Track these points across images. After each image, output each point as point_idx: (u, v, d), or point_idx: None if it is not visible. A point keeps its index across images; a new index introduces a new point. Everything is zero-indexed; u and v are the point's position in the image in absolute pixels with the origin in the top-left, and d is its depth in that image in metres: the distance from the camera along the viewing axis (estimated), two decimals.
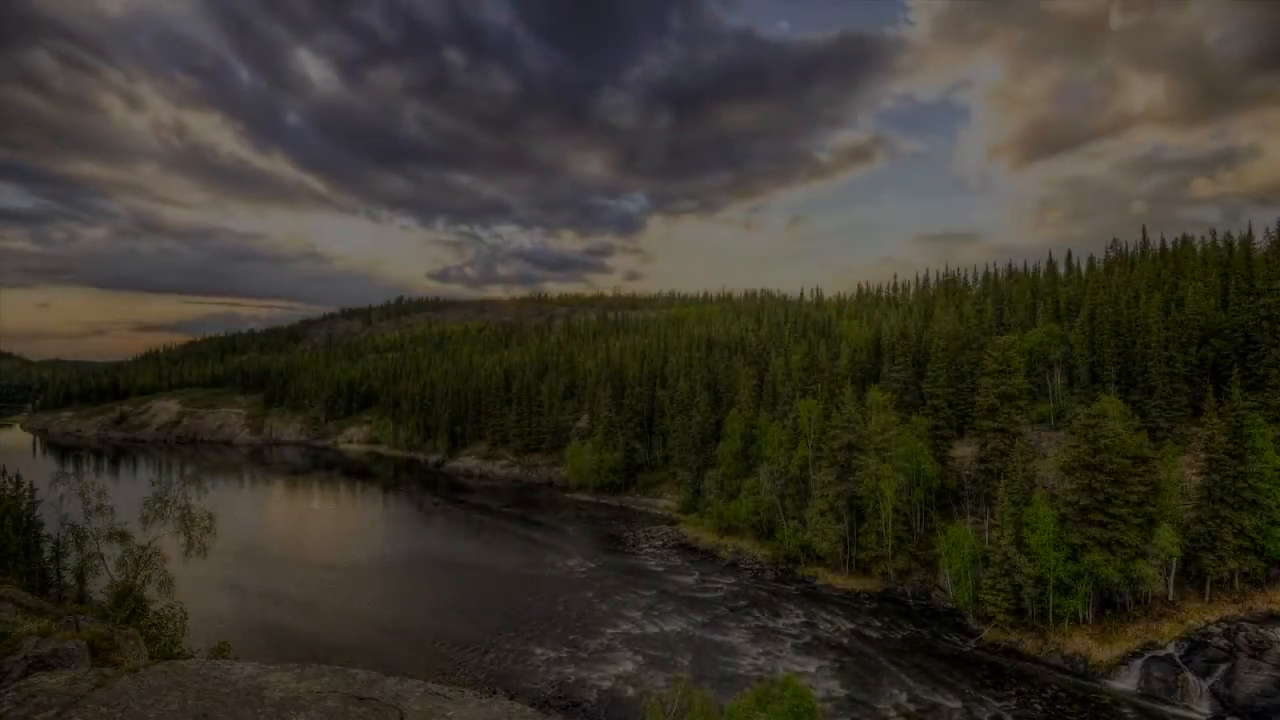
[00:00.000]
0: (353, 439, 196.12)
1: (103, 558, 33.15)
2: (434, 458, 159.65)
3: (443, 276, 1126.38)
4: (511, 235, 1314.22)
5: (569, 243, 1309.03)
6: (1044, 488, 57.90)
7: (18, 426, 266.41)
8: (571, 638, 57.53)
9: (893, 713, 45.28)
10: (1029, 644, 53.52)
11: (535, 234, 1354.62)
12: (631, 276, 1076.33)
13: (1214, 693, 45.01)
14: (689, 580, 72.50)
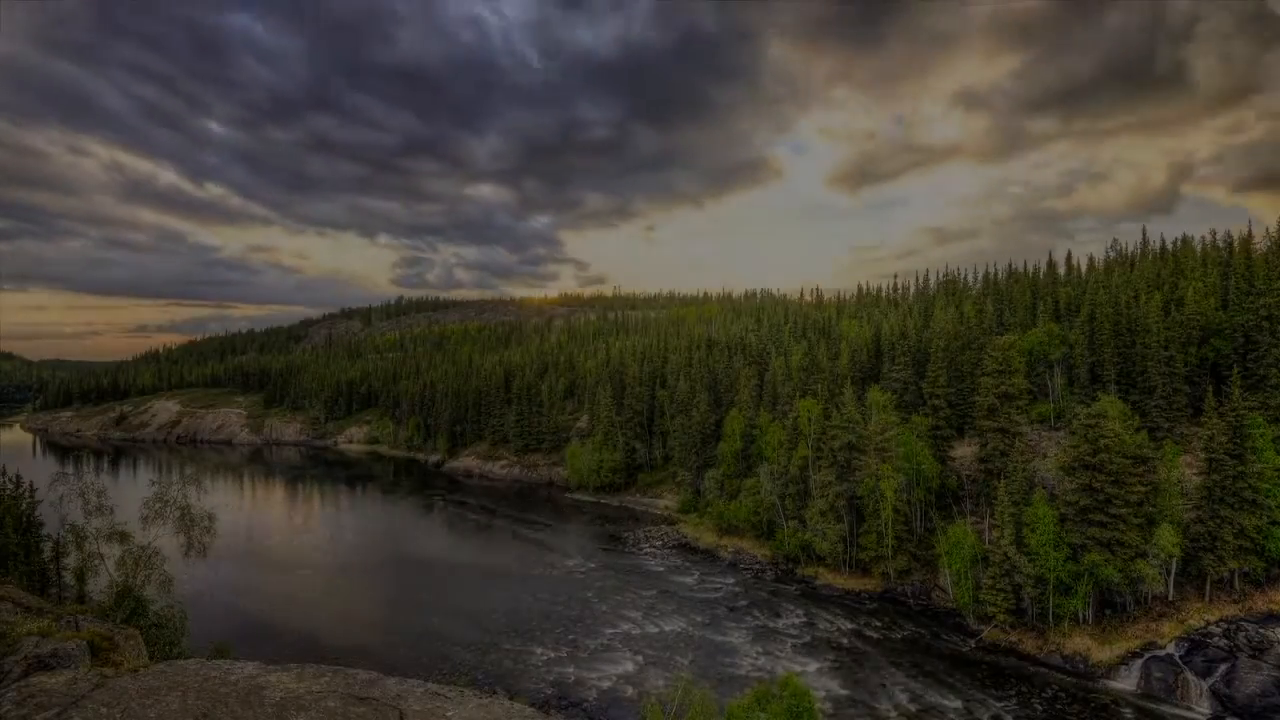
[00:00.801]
0: (353, 439, 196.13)
1: (103, 558, 33.15)
2: (434, 458, 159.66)
3: (405, 283, 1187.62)
4: (452, 250, 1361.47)
5: (504, 256, 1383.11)
6: (1044, 488, 57.91)
7: (18, 426, 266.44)
8: (571, 638, 57.53)
9: (893, 713, 45.29)
10: (1029, 644, 53.52)
11: (470, 250, 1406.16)
12: (585, 282, 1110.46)
13: (1214, 693, 45.01)
14: (689, 580, 72.50)
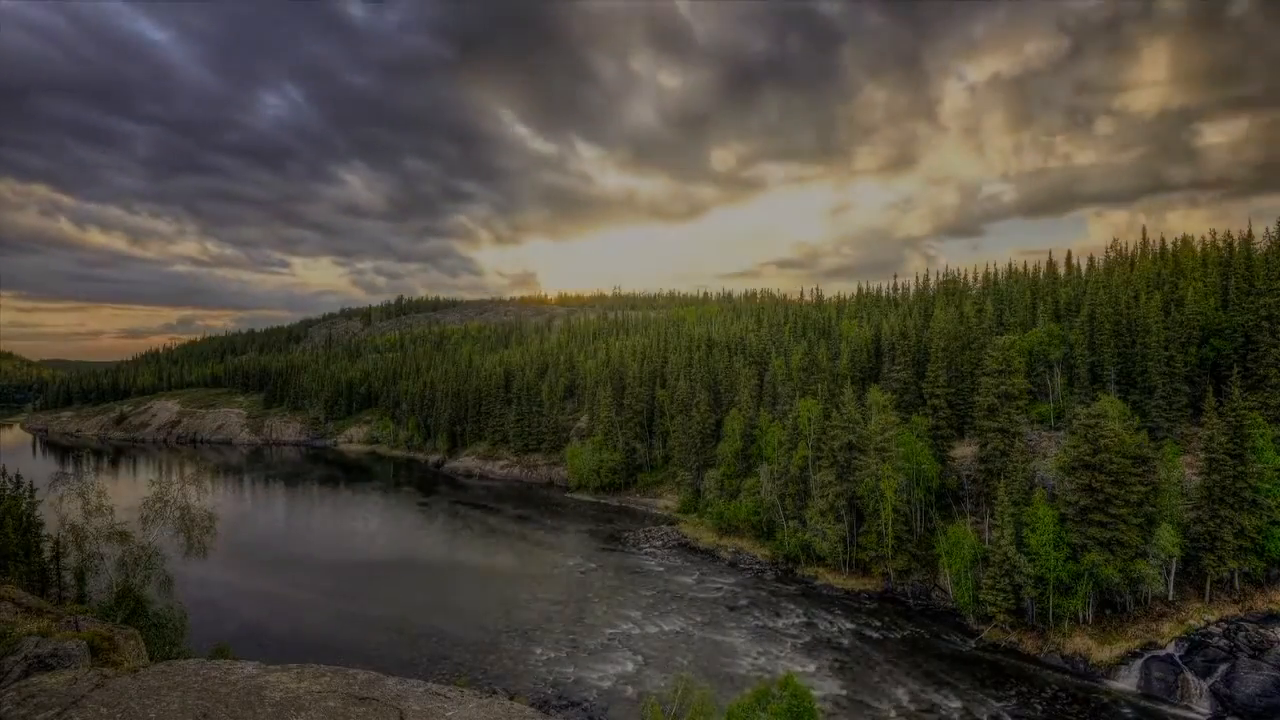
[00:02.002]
0: (353, 439, 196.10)
1: (103, 558, 33.16)
2: (434, 458, 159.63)
3: (372, 288, 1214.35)
4: (394, 267, 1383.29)
5: (444, 277, 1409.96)
6: (1044, 488, 57.90)
7: (18, 426, 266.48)
8: (571, 638, 57.53)
9: (893, 713, 45.29)
10: (1029, 644, 53.53)
11: (408, 266, 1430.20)
12: (517, 283, 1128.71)
13: (1214, 693, 45.01)
14: (689, 580, 72.50)
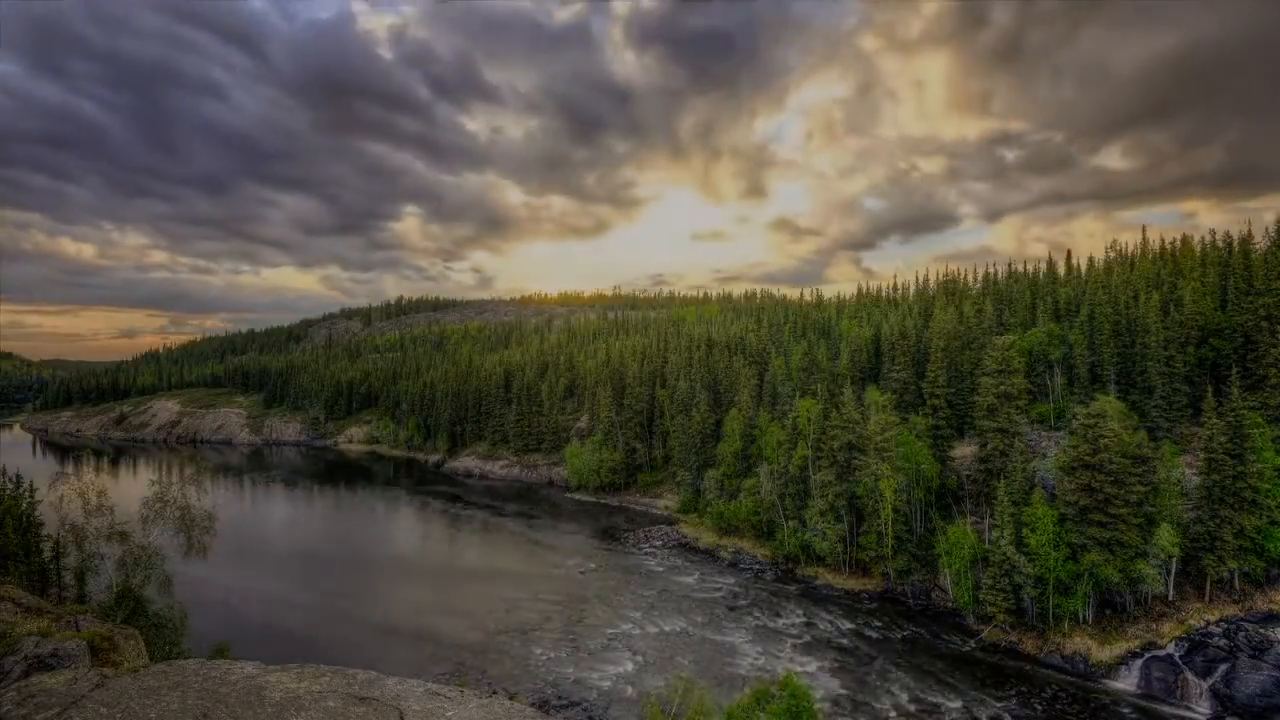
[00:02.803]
0: (353, 439, 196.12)
1: (103, 558, 33.17)
2: (434, 458, 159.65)
3: (350, 292, 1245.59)
4: (359, 274, 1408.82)
5: (410, 281, 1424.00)
6: (1044, 488, 57.91)
7: (18, 426, 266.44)
8: (571, 638, 57.54)
9: (893, 713, 45.30)
10: (1029, 644, 53.54)
11: (369, 273, 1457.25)
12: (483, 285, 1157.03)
13: (1214, 693, 45.02)
14: (689, 580, 72.51)
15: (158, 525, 32.77)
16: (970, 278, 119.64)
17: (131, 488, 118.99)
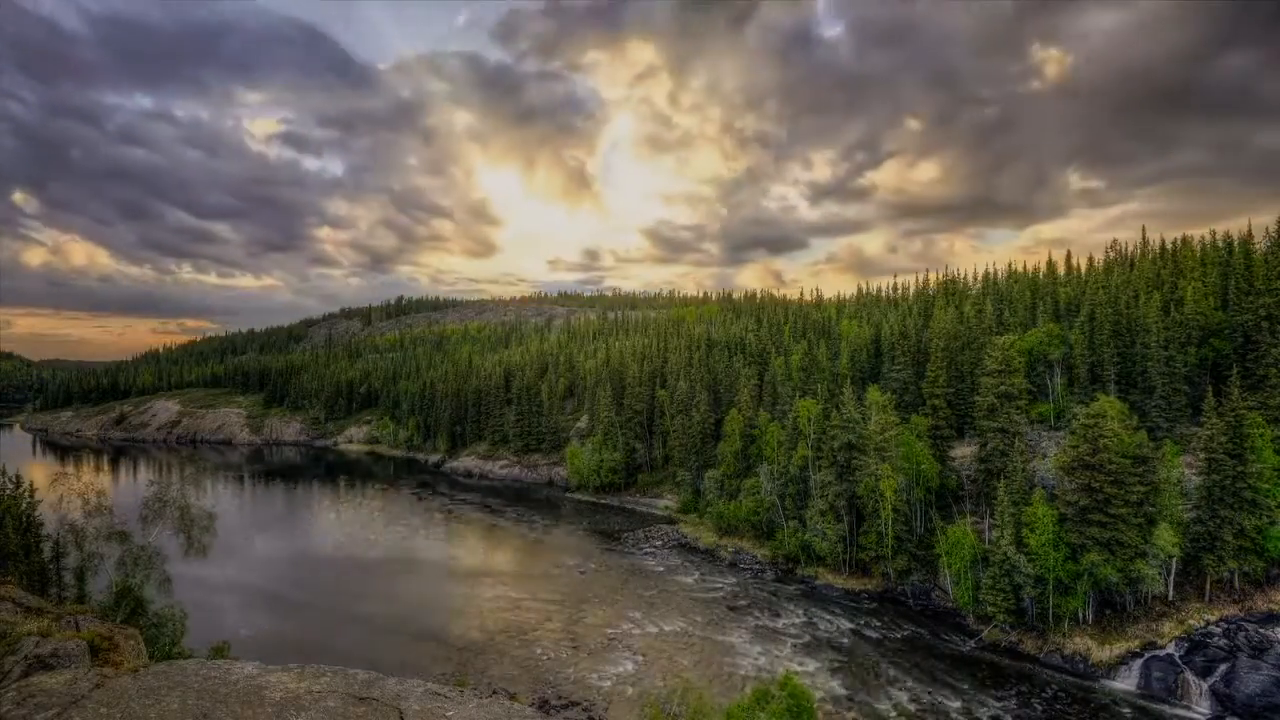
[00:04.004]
0: (353, 439, 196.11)
1: (103, 558, 33.17)
2: (434, 458, 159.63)
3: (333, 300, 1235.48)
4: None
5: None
6: (1044, 488, 57.90)
7: (18, 426, 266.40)
8: (571, 638, 57.54)
9: (893, 713, 45.30)
10: (1029, 644, 53.54)
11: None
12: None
13: (1214, 692, 45.02)
14: (689, 580, 72.51)
15: (157, 525, 32.77)
16: (970, 277, 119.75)
17: (131, 488, 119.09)
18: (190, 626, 34.17)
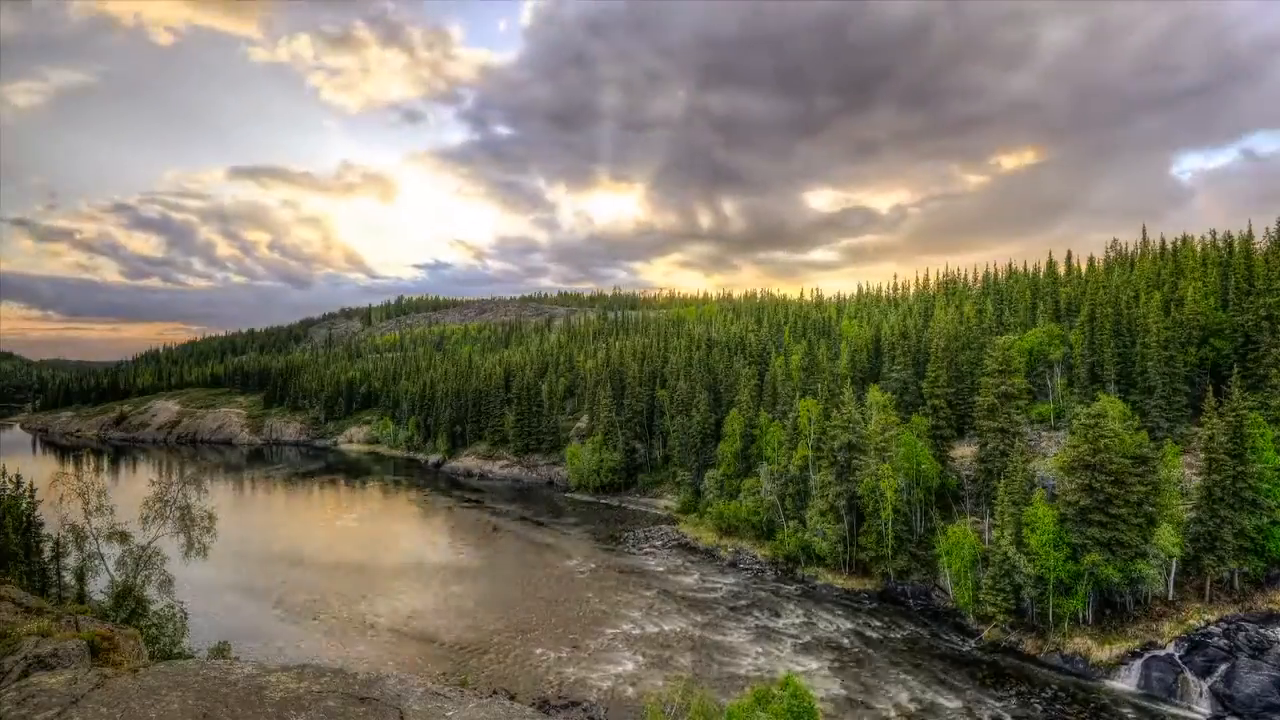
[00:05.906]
0: (353, 439, 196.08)
1: (103, 558, 33.19)
2: (434, 458, 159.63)
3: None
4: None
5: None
6: (1044, 488, 57.90)
7: (17, 426, 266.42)
8: (571, 638, 57.53)
9: (893, 713, 45.30)
10: (1029, 644, 53.53)
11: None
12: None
13: (1214, 692, 45.00)
14: (689, 580, 72.50)
15: (158, 525, 32.75)
16: (970, 277, 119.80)
17: (131, 488, 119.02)
18: (190, 626, 34.19)
